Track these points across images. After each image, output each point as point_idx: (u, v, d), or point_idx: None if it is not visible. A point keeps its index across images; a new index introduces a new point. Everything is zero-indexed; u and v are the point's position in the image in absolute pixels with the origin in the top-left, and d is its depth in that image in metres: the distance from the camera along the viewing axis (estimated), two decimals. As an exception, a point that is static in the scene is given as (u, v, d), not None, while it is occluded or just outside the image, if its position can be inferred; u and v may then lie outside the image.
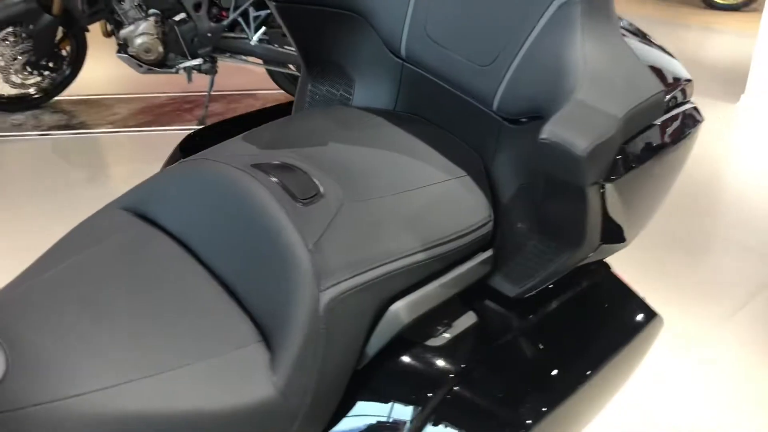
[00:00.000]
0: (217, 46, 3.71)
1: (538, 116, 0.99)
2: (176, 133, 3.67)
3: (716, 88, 4.45)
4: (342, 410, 0.91)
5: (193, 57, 3.71)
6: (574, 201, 0.89)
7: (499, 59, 1.06)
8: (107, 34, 3.72)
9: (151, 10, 3.59)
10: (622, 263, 1.18)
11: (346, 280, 0.88)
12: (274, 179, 0.95)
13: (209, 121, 3.81)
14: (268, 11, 3.70)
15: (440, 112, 1.21)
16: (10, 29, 3.58)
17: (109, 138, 3.62)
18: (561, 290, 1.10)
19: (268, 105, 1.51)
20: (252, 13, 3.66)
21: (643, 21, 5.63)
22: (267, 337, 0.87)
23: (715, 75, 4.76)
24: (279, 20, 1.23)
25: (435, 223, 1.00)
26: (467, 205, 1.05)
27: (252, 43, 3.68)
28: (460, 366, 0.97)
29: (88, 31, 3.79)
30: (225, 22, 3.65)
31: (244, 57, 3.80)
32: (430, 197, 1.03)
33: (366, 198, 0.99)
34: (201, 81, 4.28)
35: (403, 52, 1.19)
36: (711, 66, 5.01)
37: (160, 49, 3.62)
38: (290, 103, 1.48)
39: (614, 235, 1.01)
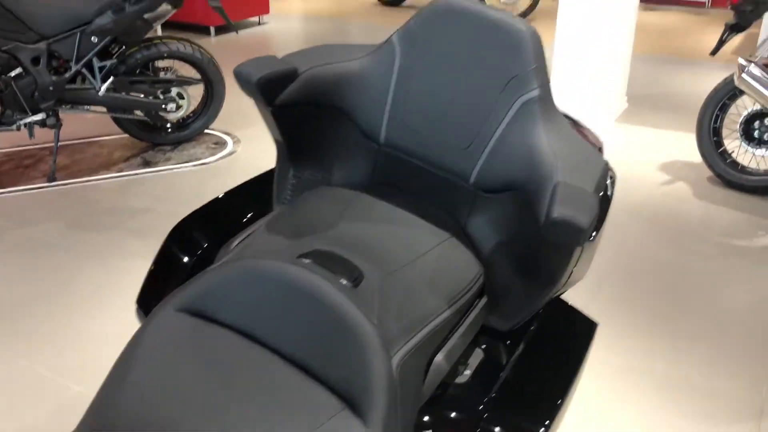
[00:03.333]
0: (61, 99, 3.58)
1: (512, 189, 1.27)
2: (26, 194, 3.49)
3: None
4: None
5: (34, 112, 3.55)
6: (563, 256, 1.18)
7: (474, 144, 1.32)
8: (-69, 96, 3.44)
9: (-17, 68, 3.38)
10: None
11: (405, 344, 1.10)
12: (323, 268, 1.13)
13: (59, 177, 3.66)
14: (114, 60, 3.65)
15: (413, 185, 1.44)
16: None
17: (-50, 207, 3.35)
18: (532, 317, 1.39)
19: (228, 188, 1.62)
20: (97, 63, 3.59)
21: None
22: (350, 403, 1.05)
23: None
24: (272, 121, 1.38)
25: (449, 282, 1.24)
26: (463, 262, 1.30)
27: (100, 93, 3.61)
28: (483, 395, 1.23)
29: None
30: (67, 75, 3.54)
31: (87, 106, 3.71)
32: (436, 260, 1.27)
33: (393, 270, 1.21)
34: (36, 133, 4.08)
35: (382, 139, 1.41)
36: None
37: (-3, 107, 3.43)
38: (252, 182, 1.62)
39: (580, 274, 1.32)
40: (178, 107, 3.95)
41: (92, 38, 3.52)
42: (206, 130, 4.35)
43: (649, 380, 2.26)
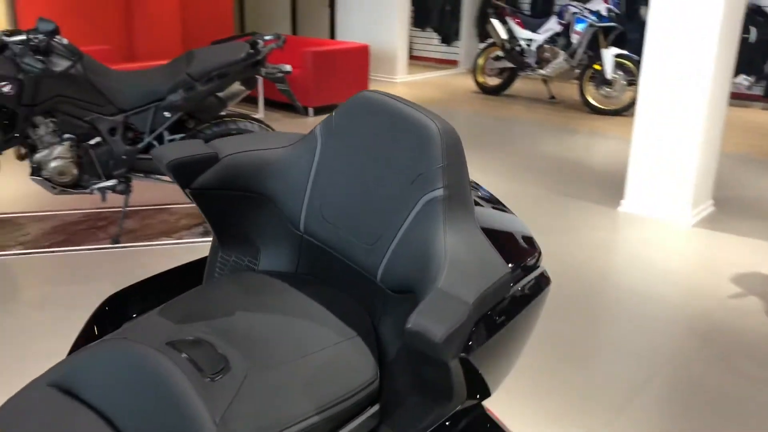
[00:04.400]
0: (132, 168, 3.85)
1: (411, 291, 1.20)
2: (90, 253, 3.73)
3: (598, 194, 4.90)
4: None
5: (108, 178, 3.82)
6: (441, 370, 1.09)
7: (380, 241, 1.27)
8: (21, 157, 3.80)
9: (66, 135, 3.70)
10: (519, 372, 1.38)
11: None
12: (185, 356, 1.11)
13: (123, 240, 3.89)
14: (183, 135, 3.89)
15: (336, 277, 1.40)
16: None
17: (20, 260, 3.63)
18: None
19: (181, 263, 1.66)
20: (167, 136, 3.84)
21: (533, 126, 6.10)
22: None
23: (598, 180, 5.24)
24: (192, 202, 1.41)
25: (329, 386, 1.17)
26: (357, 366, 1.23)
27: (167, 164, 3.84)
28: None
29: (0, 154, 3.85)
30: (140, 145, 3.81)
31: (157, 176, 3.95)
32: (325, 361, 1.21)
33: (269, 366, 1.16)
34: (114, 196, 4.37)
35: (301, 227, 1.39)
36: (595, 171, 5.51)
37: (75, 171, 3.72)
38: (198, 263, 1.64)
39: (479, 390, 1.21)
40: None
41: (165, 113, 3.78)
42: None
43: None
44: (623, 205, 4.60)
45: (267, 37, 3.90)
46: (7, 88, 3.42)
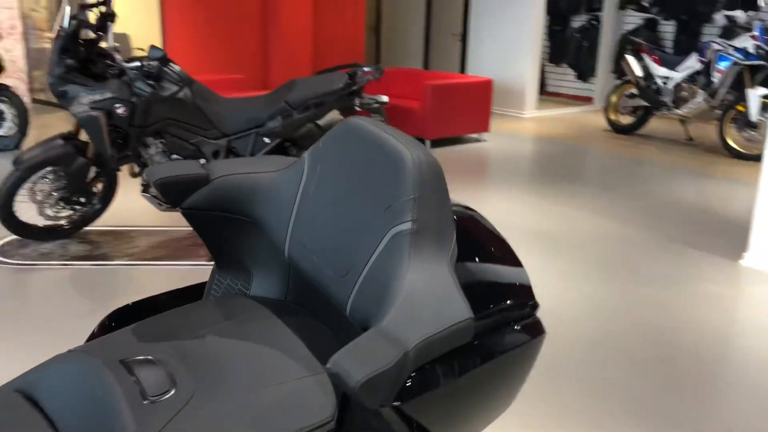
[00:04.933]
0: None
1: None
2: (187, 269, 3.91)
3: (722, 244, 4.47)
4: None
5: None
6: (375, 416, 0.99)
7: (350, 273, 1.20)
8: (134, 175, 4.08)
9: (174, 156, 3.93)
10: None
11: None
12: (132, 377, 1.09)
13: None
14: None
15: (321, 308, 1.35)
16: (49, 169, 3.95)
17: (125, 270, 3.87)
18: None
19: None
20: (264, 161, 3.97)
21: (665, 168, 5.71)
22: None
23: (725, 229, 4.79)
24: (189, 222, 1.41)
25: (277, 421, 1.11)
26: (313, 404, 1.16)
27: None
28: None
29: (119, 170, 4.15)
30: (239, 169, 3.96)
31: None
32: (281, 395, 1.15)
33: (218, 394, 1.12)
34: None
35: (286, 254, 1.35)
36: (724, 219, 5.04)
37: (179, 190, 3.93)
38: (201, 285, 1.65)
39: None
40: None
41: (264, 139, 3.92)
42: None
43: None
44: (746, 258, 4.16)
45: (366, 69, 3.95)
46: (121, 110, 3.69)
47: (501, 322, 1.20)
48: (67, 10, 3.66)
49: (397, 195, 1.15)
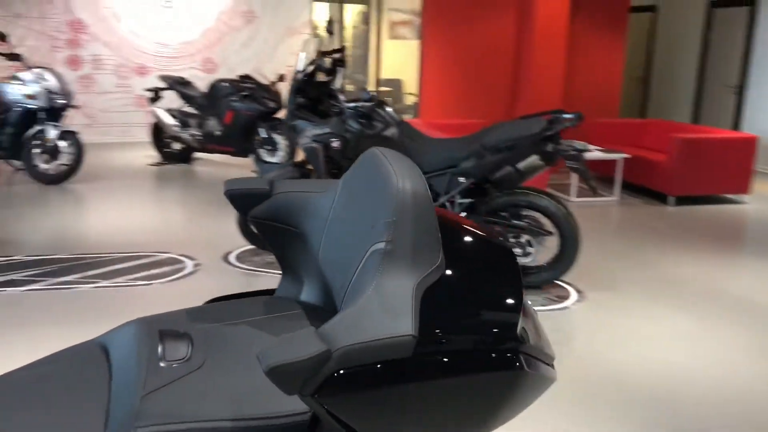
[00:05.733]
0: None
1: None
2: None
3: None
4: None
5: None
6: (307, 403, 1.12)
7: (344, 286, 1.34)
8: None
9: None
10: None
11: (157, 425, 1.23)
12: (161, 344, 1.36)
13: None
14: (472, 200, 4.15)
15: None
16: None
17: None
18: None
19: None
20: (458, 199, 4.15)
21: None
22: None
23: None
24: (256, 230, 1.66)
25: (260, 402, 1.29)
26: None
27: (453, 225, 4.13)
28: None
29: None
30: (435, 204, 4.19)
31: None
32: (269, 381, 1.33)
33: (221, 371, 1.34)
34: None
35: (320, 266, 1.53)
36: None
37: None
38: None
39: None
40: (526, 254, 4.17)
41: (459, 178, 4.10)
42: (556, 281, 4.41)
43: None
44: None
45: (566, 116, 3.93)
46: (335, 143, 4.17)
47: (466, 348, 1.22)
48: (302, 55, 4.26)
49: (380, 216, 1.26)
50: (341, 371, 1.10)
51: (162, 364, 1.32)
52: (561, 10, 7.76)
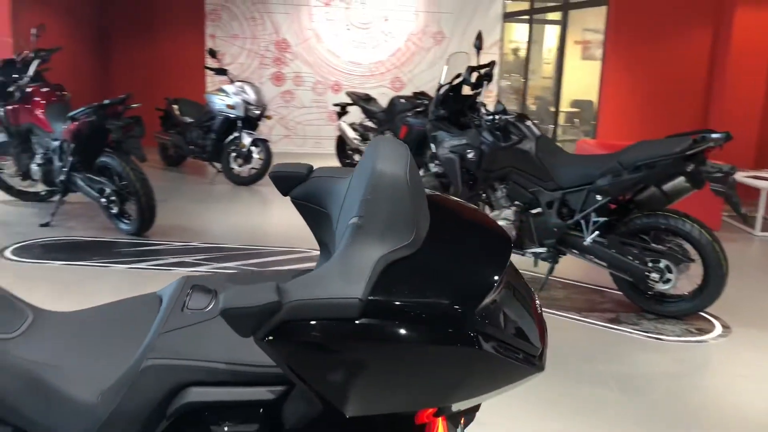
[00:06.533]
0: (560, 241, 4.17)
1: None
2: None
3: None
4: None
5: (540, 245, 4.25)
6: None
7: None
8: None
9: (516, 202, 4.31)
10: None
11: (164, 358, 1.47)
12: (188, 296, 1.60)
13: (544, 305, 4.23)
14: (605, 219, 4.00)
15: None
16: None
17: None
18: None
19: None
20: (593, 217, 4.03)
21: None
22: None
23: None
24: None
25: (255, 351, 1.47)
26: None
27: (585, 242, 4.02)
28: None
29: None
30: (570, 221, 4.10)
31: (588, 255, 4.14)
32: None
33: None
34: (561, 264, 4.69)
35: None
36: None
37: (513, 233, 4.29)
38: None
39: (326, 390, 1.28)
40: (665, 280, 3.93)
41: (596, 196, 3.98)
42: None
43: None
44: None
45: (715, 135, 3.67)
46: (471, 155, 4.26)
47: (422, 317, 1.29)
48: (445, 69, 4.42)
49: (360, 195, 1.39)
50: (290, 321, 1.24)
51: (183, 311, 1.54)
52: (763, 27, 7.11)
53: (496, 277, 1.40)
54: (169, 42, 10.01)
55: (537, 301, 1.54)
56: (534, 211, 4.25)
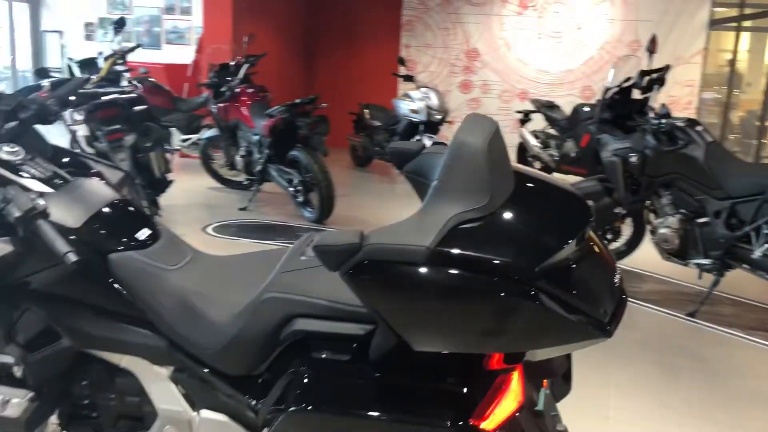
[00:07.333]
0: (728, 253, 3.95)
1: None
2: (666, 316, 4.08)
3: None
4: None
5: (705, 256, 4.06)
6: None
7: None
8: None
9: (681, 209, 4.15)
10: None
11: (279, 292, 1.76)
12: (309, 245, 1.89)
13: (700, 317, 4.04)
14: (779, 231, 3.73)
15: None
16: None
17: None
18: None
19: None
20: (764, 229, 3.77)
21: None
22: None
23: None
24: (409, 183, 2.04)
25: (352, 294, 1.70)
26: None
27: (754, 256, 3.78)
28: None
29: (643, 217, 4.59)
30: (739, 233, 3.87)
31: (758, 270, 3.88)
32: None
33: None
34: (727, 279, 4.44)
35: None
36: None
37: (676, 242, 4.14)
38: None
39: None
40: None
41: (771, 207, 3.73)
42: None
43: None
44: None
45: None
46: (633, 158, 4.17)
47: (482, 269, 1.44)
48: (612, 72, 4.36)
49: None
50: (368, 261, 1.46)
51: (301, 258, 1.83)
52: None
53: (564, 240, 1.51)
54: (367, 51, 10.71)
55: (618, 276, 1.62)
56: (700, 221, 4.06)
